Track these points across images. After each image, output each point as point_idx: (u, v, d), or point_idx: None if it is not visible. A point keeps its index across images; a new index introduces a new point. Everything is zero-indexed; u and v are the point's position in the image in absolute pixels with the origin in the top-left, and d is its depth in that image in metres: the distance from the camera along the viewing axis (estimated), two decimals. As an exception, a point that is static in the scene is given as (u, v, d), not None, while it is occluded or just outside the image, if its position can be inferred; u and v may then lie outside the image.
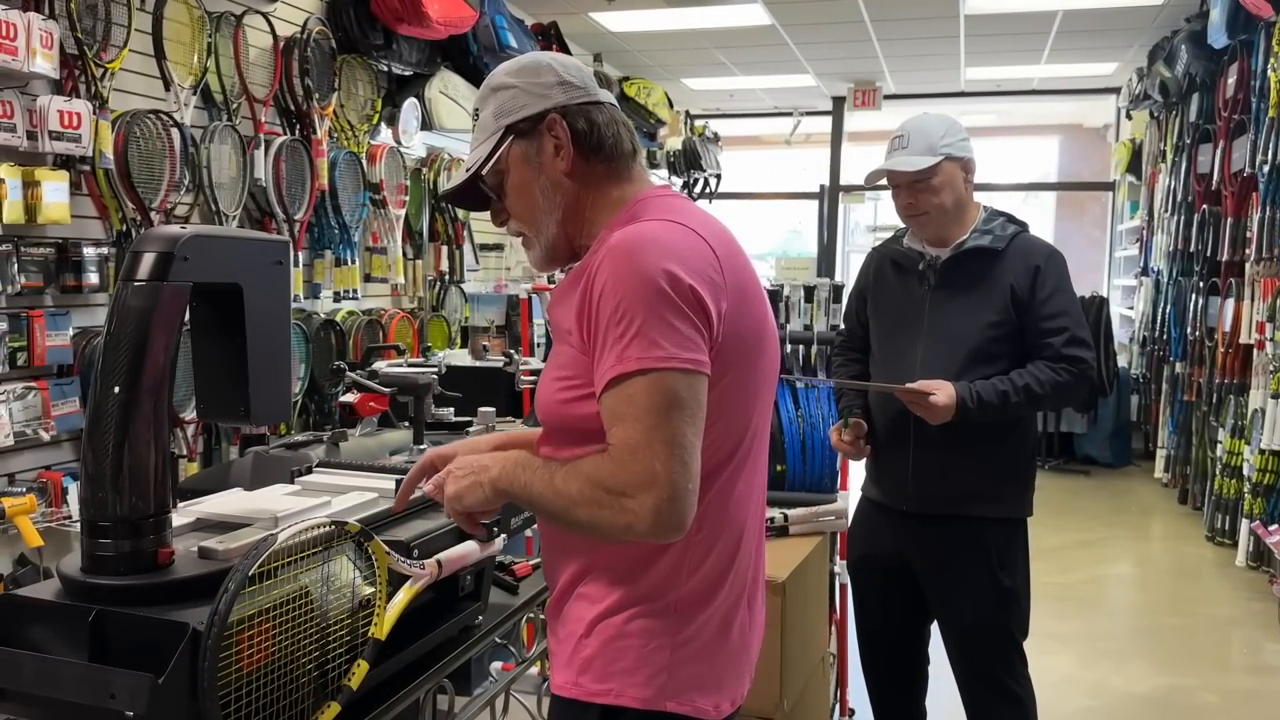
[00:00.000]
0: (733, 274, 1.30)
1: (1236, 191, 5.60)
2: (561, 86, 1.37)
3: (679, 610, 1.32)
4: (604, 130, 1.37)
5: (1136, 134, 8.34)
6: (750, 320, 1.32)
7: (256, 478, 1.83)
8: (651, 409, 1.19)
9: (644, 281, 1.21)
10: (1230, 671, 4.04)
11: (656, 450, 1.19)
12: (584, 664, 1.32)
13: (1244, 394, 5.39)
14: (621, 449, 1.20)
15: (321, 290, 4.29)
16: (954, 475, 2.37)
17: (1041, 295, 2.33)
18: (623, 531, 1.22)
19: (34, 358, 2.94)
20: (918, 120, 2.41)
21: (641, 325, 1.20)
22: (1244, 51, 5.40)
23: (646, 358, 1.19)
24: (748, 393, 1.34)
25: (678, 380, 1.20)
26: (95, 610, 1.19)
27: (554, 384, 1.33)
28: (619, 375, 1.20)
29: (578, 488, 1.23)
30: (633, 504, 1.19)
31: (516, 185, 1.39)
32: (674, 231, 1.28)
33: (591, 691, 1.31)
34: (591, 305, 1.24)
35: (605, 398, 1.22)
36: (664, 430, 1.19)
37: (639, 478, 1.19)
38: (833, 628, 3.15)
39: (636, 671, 1.30)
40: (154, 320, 1.24)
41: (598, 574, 1.34)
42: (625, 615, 1.31)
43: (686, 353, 1.21)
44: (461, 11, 4.67)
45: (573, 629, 1.35)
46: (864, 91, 8.82)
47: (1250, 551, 5.08)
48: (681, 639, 1.32)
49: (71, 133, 2.96)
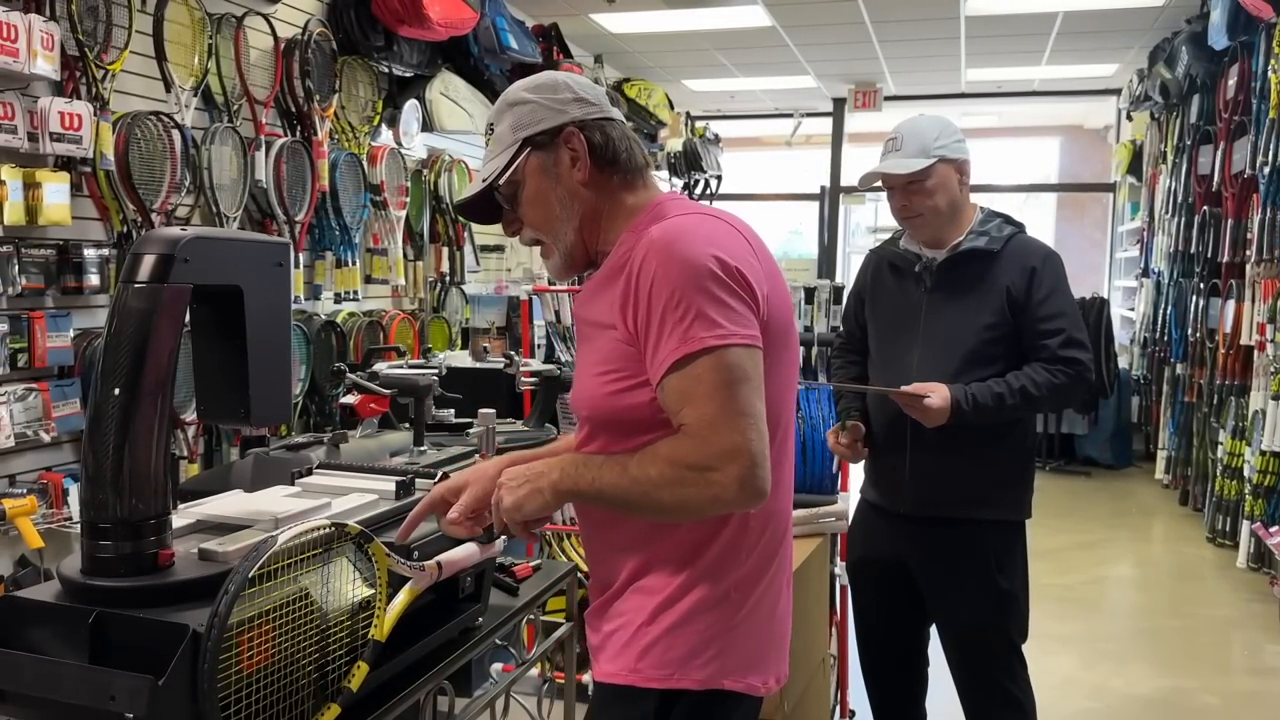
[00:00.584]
0: (765, 262, 1.37)
1: (1237, 193, 5.59)
2: (578, 103, 1.43)
3: (738, 591, 1.38)
4: (618, 144, 1.44)
5: (1137, 135, 8.33)
6: (781, 311, 1.38)
7: (257, 479, 1.83)
8: (722, 384, 1.25)
9: (694, 267, 1.27)
10: (1231, 673, 4.04)
11: (734, 422, 1.24)
12: (644, 650, 1.36)
13: (1245, 395, 5.39)
14: (700, 425, 1.25)
15: (322, 291, 4.29)
16: (951, 478, 2.37)
17: (1038, 296, 2.32)
18: (710, 504, 1.27)
19: (35, 359, 2.95)
20: (911, 122, 2.41)
21: (700, 307, 1.26)
22: (1244, 53, 5.40)
23: (709, 336, 1.25)
24: (781, 380, 1.39)
25: (741, 355, 1.26)
26: (95, 612, 1.20)
27: (598, 379, 1.37)
28: (685, 356, 1.25)
29: (658, 471, 1.26)
30: (719, 476, 1.24)
31: (532, 195, 1.44)
32: (710, 222, 1.36)
33: (650, 677, 1.35)
34: (639, 296, 1.29)
35: (670, 380, 1.27)
36: (736, 403, 1.25)
37: (722, 450, 1.23)
38: (833, 629, 3.15)
39: (697, 655, 1.35)
40: (154, 322, 1.24)
41: (658, 566, 1.38)
42: (688, 602, 1.36)
43: (744, 329, 1.28)
44: (462, 13, 4.67)
45: (631, 619, 1.38)
46: (864, 93, 8.82)
47: (1251, 553, 5.07)
48: (739, 619, 1.38)
49: (72, 134, 2.96)
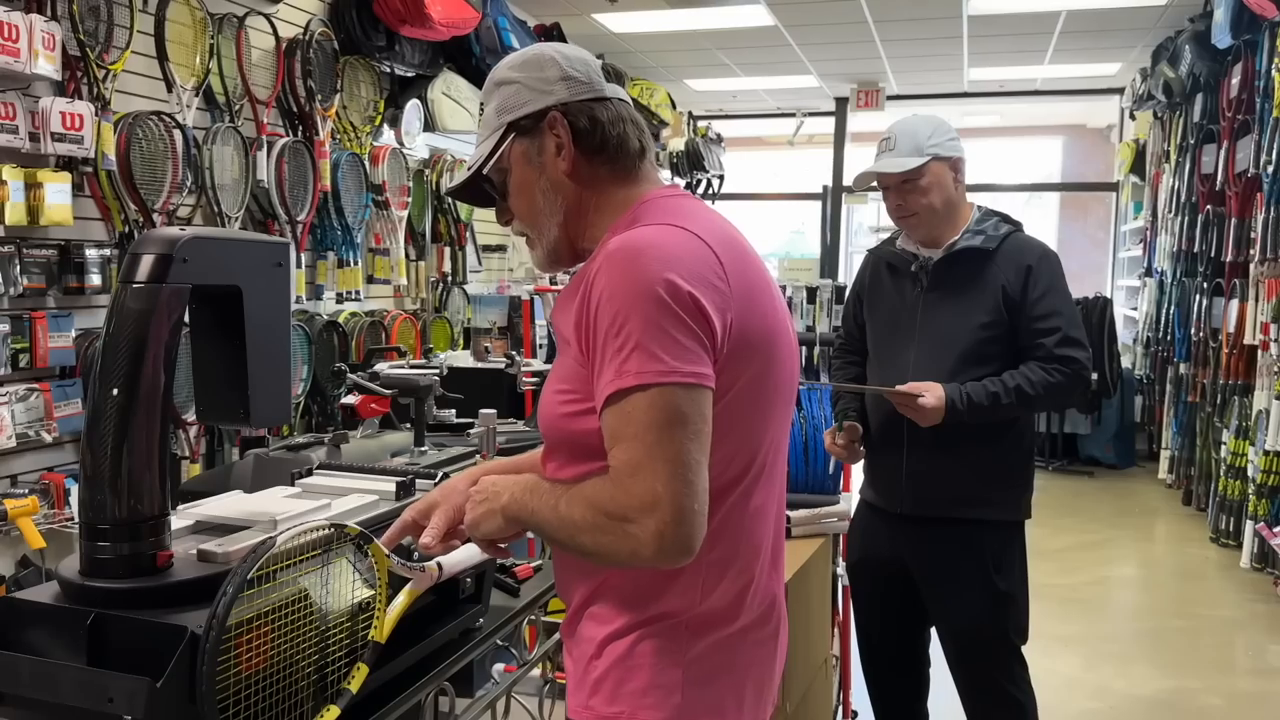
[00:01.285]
0: (739, 278, 1.21)
1: (1240, 192, 5.58)
2: (565, 82, 1.29)
3: (691, 629, 1.25)
4: (608, 129, 1.30)
5: (1140, 134, 8.32)
6: (761, 325, 1.24)
7: (257, 480, 1.83)
8: (652, 426, 1.12)
9: (641, 290, 1.13)
10: (1235, 674, 4.03)
11: (658, 470, 1.11)
12: (594, 686, 1.26)
13: (1248, 395, 5.38)
14: (622, 470, 1.13)
15: (324, 291, 4.29)
16: (948, 478, 2.36)
17: (1033, 295, 2.31)
18: (629, 558, 1.15)
19: (36, 359, 2.95)
20: (905, 122, 2.40)
21: (640, 337, 1.12)
22: (1248, 52, 5.39)
23: (645, 372, 1.12)
24: (761, 402, 1.25)
25: (679, 395, 1.13)
26: (93, 613, 1.19)
27: (555, 397, 1.27)
28: (617, 391, 1.13)
29: (580, 513, 1.16)
30: (636, 529, 1.12)
31: (518, 185, 1.33)
32: (673, 235, 1.20)
33: (602, 715, 1.25)
34: (589, 315, 1.17)
35: (605, 415, 1.16)
36: (665, 448, 1.12)
37: (641, 501, 1.12)
38: (835, 630, 3.14)
39: (648, 693, 1.24)
40: (153, 322, 1.23)
41: (609, 593, 1.27)
42: (635, 635, 1.25)
43: (688, 366, 1.13)
44: (464, 13, 4.67)
45: (584, 649, 1.29)
46: (867, 92, 8.81)
47: (1255, 553, 5.06)
48: (694, 657, 1.25)
49: (74, 134, 2.96)
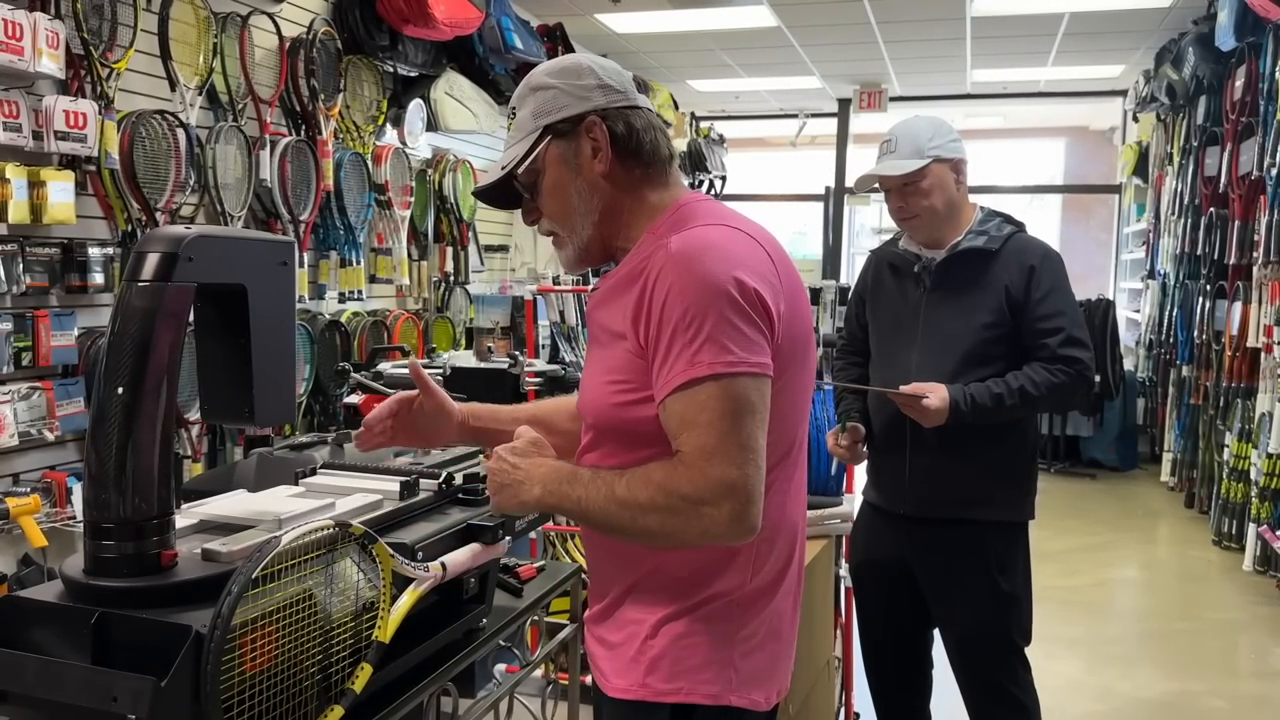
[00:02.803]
0: (786, 277, 1.32)
1: (1244, 194, 5.57)
2: (601, 90, 1.37)
3: (742, 606, 1.34)
4: (642, 135, 1.37)
5: (1143, 136, 8.31)
6: (801, 322, 1.34)
7: (260, 479, 1.82)
8: (725, 414, 1.20)
9: (711, 287, 1.22)
10: (1238, 676, 4.02)
11: (732, 456, 1.20)
12: (651, 664, 1.33)
13: (1251, 398, 5.37)
14: (697, 455, 1.21)
15: (326, 291, 4.29)
16: (951, 478, 2.36)
17: (1036, 295, 2.31)
18: (698, 536, 1.23)
19: (39, 358, 2.95)
20: (905, 124, 2.40)
21: (711, 330, 1.21)
22: (1252, 54, 5.38)
23: (718, 363, 1.21)
24: (799, 394, 1.36)
25: (748, 385, 1.22)
26: (98, 612, 1.19)
27: (606, 387, 1.33)
28: (690, 380, 1.21)
29: (648, 496, 1.23)
30: (712, 509, 1.20)
31: (552, 185, 1.39)
32: (733, 237, 1.29)
33: (660, 691, 1.32)
34: (653, 310, 1.25)
35: (672, 401, 1.23)
36: (738, 435, 1.21)
37: (719, 484, 1.20)
38: (838, 631, 3.13)
39: (706, 668, 1.32)
40: (158, 320, 1.24)
41: (659, 577, 1.34)
42: (692, 615, 1.32)
43: (755, 357, 1.23)
44: (467, 13, 4.67)
45: (633, 630, 1.35)
46: (870, 93, 8.80)
47: (1257, 556, 5.06)
48: (745, 634, 1.34)
49: (77, 133, 2.96)
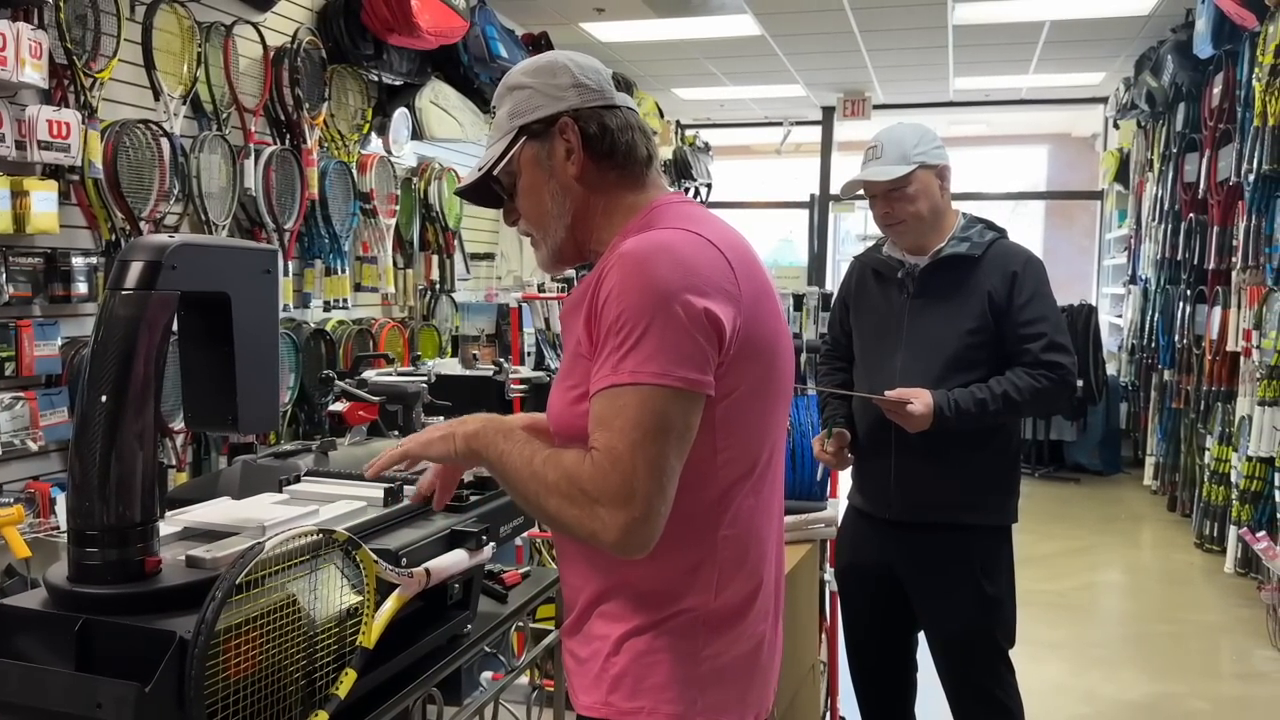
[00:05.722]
0: (747, 283, 1.26)
1: (1223, 200, 5.63)
2: (576, 89, 1.33)
3: (709, 625, 1.29)
4: (617, 135, 1.34)
5: (1124, 143, 8.38)
6: (765, 330, 1.29)
7: (245, 487, 1.83)
8: (639, 424, 1.17)
9: (651, 292, 1.18)
10: (1220, 678, 4.05)
11: (638, 468, 1.16)
12: (614, 682, 1.28)
13: (1231, 401, 5.42)
14: (604, 456, 1.18)
15: (312, 299, 4.29)
16: (935, 483, 2.37)
17: (1019, 301, 2.33)
18: (587, 536, 1.20)
19: (22, 368, 2.93)
20: (891, 130, 2.42)
21: (641, 337, 1.17)
22: (1229, 61, 5.44)
23: (641, 371, 1.17)
24: (765, 403, 1.30)
25: (670, 400, 1.17)
26: (82, 619, 1.19)
27: (567, 394, 1.30)
28: (612, 385, 1.18)
29: (554, 478, 1.21)
30: (604, 513, 1.17)
31: (527, 187, 1.37)
32: (688, 241, 1.24)
33: (623, 710, 1.28)
34: (597, 310, 1.22)
35: (596, 399, 1.20)
36: (648, 449, 1.17)
37: (616, 491, 1.17)
38: (823, 636, 3.14)
39: (668, 687, 1.27)
40: (141, 328, 1.24)
41: (624, 591, 1.30)
42: (655, 631, 1.28)
43: (682, 370, 1.17)
44: (452, 22, 4.68)
45: (598, 647, 1.31)
46: (853, 101, 8.86)
47: (1238, 558, 5.10)
48: (710, 654, 1.29)
49: (60, 142, 2.95)
